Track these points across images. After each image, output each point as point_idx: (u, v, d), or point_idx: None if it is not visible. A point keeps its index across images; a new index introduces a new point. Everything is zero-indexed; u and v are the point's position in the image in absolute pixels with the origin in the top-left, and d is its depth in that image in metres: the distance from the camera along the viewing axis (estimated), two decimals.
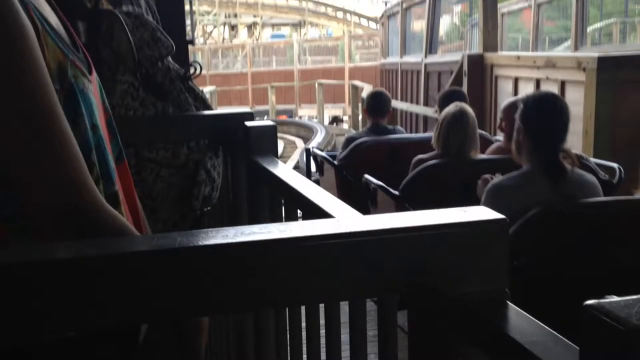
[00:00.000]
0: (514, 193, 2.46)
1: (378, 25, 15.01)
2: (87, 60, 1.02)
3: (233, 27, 34.85)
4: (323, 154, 4.67)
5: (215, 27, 33.85)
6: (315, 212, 1.14)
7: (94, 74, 1.03)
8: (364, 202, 3.61)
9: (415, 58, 9.61)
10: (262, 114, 19.40)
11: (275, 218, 1.48)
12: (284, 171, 1.40)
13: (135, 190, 1.15)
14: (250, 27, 34.86)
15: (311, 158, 4.89)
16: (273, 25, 39.66)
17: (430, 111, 7.66)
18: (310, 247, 0.69)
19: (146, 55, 1.67)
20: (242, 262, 0.68)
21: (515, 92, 6.34)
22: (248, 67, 21.31)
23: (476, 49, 7.54)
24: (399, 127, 4.89)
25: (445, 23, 10.65)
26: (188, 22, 2.85)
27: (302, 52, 22.87)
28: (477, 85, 6.91)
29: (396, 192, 3.32)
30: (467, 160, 3.30)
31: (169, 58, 1.73)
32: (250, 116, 1.80)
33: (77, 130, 0.90)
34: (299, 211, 1.30)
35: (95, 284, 0.65)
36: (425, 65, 8.94)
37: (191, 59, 2.21)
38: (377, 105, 4.61)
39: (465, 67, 7.04)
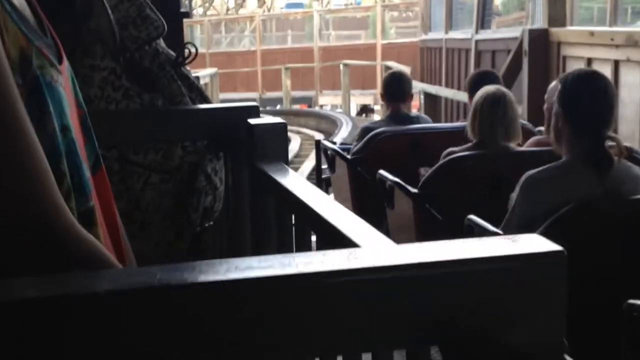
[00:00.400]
0: (551, 186, 2.55)
1: None
2: (57, 47, 1.02)
3: None
4: (334, 147, 4.75)
5: None
6: (330, 234, 1.14)
7: (65, 62, 1.03)
8: (378, 202, 3.71)
9: (463, 34, 9.59)
10: (275, 102, 19.44)
11: (283, 239, 1.49)
12: (295, 182, 1.41)
13: (115, 204, 1.16)
14: None
15: (321, 152, 5.04)
16: None
17: None
18: (319, 286, 0.69)
19: (131, 36, 1.68)
20: (235, 303, 0.69)
21: None
22: (257, 44, 21.38)
23: (540, 22, 7.50)
24: (423, 115, 5.01)
25: None
26: None
27: (324, 25, 22.88)
28: (540, 67, 6.88)
29: (415, 190, 3.36)
30: (501, 152, 3.34)
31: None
32: (255, 111, 1.81)
33: (44, 132, 0.91)
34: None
35: (62, 326, 0.66)
36: (476, 42, 8.91)
37: (187, 35, 2.22)
38: (396, 89, 4.63)
39: (525, 45, 7.01)
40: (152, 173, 1.69)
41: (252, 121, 1.68)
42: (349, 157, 4.35)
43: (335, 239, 1.11)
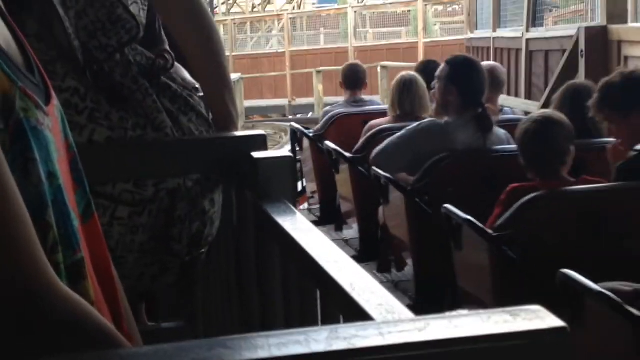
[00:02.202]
0: (442, 136, 4.22)
1: None
2: (45, 85, 1.04)
3: None
4: (301, 128, 6.61)
5: None
6: (338, 295, 1.15)
7: (54, 101, 1.05)
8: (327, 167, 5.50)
9: (513, 32, 9.54)
10: (306, 110, 19.46)
11: (288, 291, 1.50)
12: (301, 229, 1.42)
13: (109, 254, 1.17)
14: None
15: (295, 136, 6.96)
16: None
17: (534, 106, 7.58)
18: None
19: (100, 45, 1.64)
20: None
21: None
22: (286, 45, 21.48)
23: (598, 18, 7.45)
24: (375, 99, 6.98)
25: None
26: None
27: (360, 22, 22.91)
28: (598, 69, 6.81)
29: (349, 155, 5.06)
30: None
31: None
32: (261, 141, 1.82)
33: (28, 181, 0.92)
34: None
35: None
36: (527, 41, 8.87)
37: None
38: (353, 77, 6.49)
39: (581, 45, 6.96)
40: (120, 206, 1.64)
41: (256, 155, 1.69)
42: (311, 135, 6.09)
43: (342, 302, 1.12)
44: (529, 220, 3.17)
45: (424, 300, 4.18)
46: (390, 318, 0.99)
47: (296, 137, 6.73)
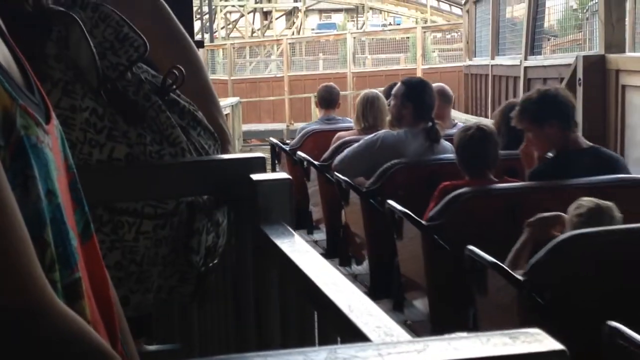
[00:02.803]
0: (396, 146, 4.93)
1: (462, 12, 15.05)
2: (45, 104, 1.05)
3: (266, 15, 35.39)
4: (277, 142, 7.55)
5: (242, 15, 34.43)
6: (336, 317, 1.15)
7: (54, 121, 1.05)
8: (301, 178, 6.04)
9: (511, 60, 9.59)
10: None
11: (285, 313, 1.50)
12: (298, 249, 1.42)
13: (107, 274, 1.17)
14: (290, 13, 35.34)
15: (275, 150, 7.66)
16: (320, 12, 40.12)
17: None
18: None
19: (111, 65, 1.66)
20: None
21: None
22: (285, 70, 21.55)
23: (596, 47, 7.49)
24: (348, 119, 7.25)
25: (555, 9, 10.60)
26: (204, 9, 2.89)
27: (359, 48, 23.01)
28: (596, 98, 6.85)
29: (317, 163, 5.73)
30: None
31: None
32: (260, 163, 1.82)
33: (27, 199, 0.92)
34: None
35: None
36: (525, 69, 8.91)
37: (207, 61, 2.21)
38: (328, 98, 7.26)
39: (579, 74, 7.00)
40: (145, 220, 1.68)
41: (255, 177, 1.69)
42: (287, 149, 6.80)
43: (340, 324, 1.12)
44: (456, 212, 3.73)
45: (377, 288, 4.59)
46: (388, 340, 0.99)
47: (275, 152, 7.42)
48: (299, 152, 6.23)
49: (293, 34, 30.72)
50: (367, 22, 33.85)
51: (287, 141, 7.44)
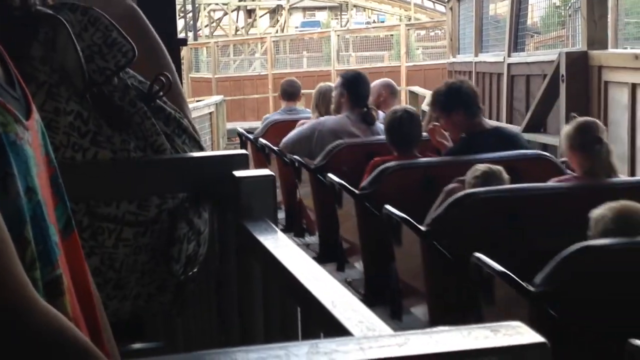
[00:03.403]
0: (335, 130, 5.65)
1: (446, 9, 15.07)
2: (26, 99, 1.04)
3: (250, 13, 35.34)
4: (243, 131, 8.09)
5: (225, 13, 34.37)
6: (318, 312, 1.15)
7: (35, 116, 1.05)
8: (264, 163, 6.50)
9: (495, 57, 9.61)
10: None
11: (268, 309, 1.50)
12: (281, 246, 1.42)
13: (87, 267, 1.17)
14: (274, 11, 35.31)
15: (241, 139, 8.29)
16: (304, 10, 40.10)
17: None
18: None
19: (98, 69, 1.66)
20: None
21: (633, 103, 6.29)
22: (269, 68, 21.52)
23: (579, 44, 7.52)
24: (307, 109, 7.79)
25: (538, 6, 10.63)
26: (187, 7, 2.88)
27: (343, 46, 23.01)
28: (578, 93, 6.87)
29: (276, 148, 6.18)
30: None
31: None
32: (243, 160, 1.82)
33: (6, 197, 0.92)
34: None
35: None
36: (509, 66, 8.93)
37: (191, 59, 2.19)
38: (290, 90, 7.90)
39: (562, 70, 7.02)
40: (125, 227, 1.67)
41: (238, 174, 1.69)
42: (252, 137, 7.40)
43: (323, 320, 1.12)
44: (384, 182, 4.42)
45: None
46: (370, 335, 0.99)
47: (242, 140, 8.09)
48: (261, 140, 6.85)
49: (277, 32, 30.70)
50: (350, 20, 33.85)
51: (253, 131, 7.92)
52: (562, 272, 2.89)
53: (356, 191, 4.47)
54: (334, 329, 1.07)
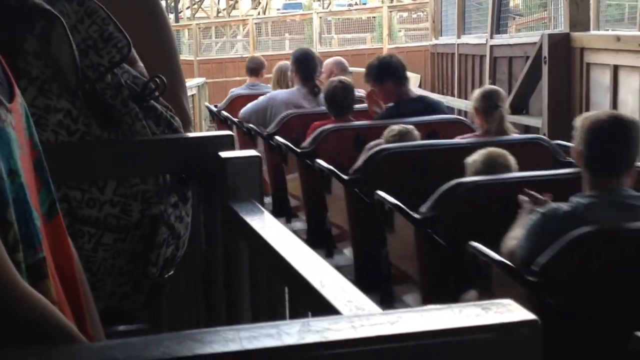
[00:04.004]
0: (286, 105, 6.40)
1: None
2: (9, 82, 1.03)
3: None
4: (210, 106, 9.01)
5: None
6: (301, 286, 1.15)
7: (18, 99, 1.04)
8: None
9: (477, 39, 9.62)
10: None
11: (256, 290, 1.49)
12: (268, 226, 1.42)
13: (74, 253, 1.16)
14: None
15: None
16: None
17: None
18: None
19: (92, 64, 1.63)
20: None
21: (614, 85, 6.32)
22: (251, 50, 21.42)
23: (561, 26, 7.53)
24: (269, 85, 8.15)
25: None
26: None
27: (325, 28, 22.95)
28: (561, 76, 6.90)
29: (236, 120, 6.99)
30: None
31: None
32: (229, 141, 1.81)
33: None
34: None
35: None
36: (491, 48, 8.94)
37: None
38: (253, 67, 8.57)
39: (545, 52, 7.04)
40: (106, 232, 1.64)
41: (223, 154, 1.68)
42: (215, 110, 8.19)
43: (312, 300, 1.12)
44: (321, 142, 5.24)
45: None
46: (360, 313, 0.99)
47: (211, 113, 9.07)
48: (224, 112, 7.60)
49: (259, 13, 30.56)
50: (333, 2, 33.75)
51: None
52: (441, 202, 3.65)
53: (298, 150, 5.39)
54: (323, 309, 1.07)
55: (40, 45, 1.58)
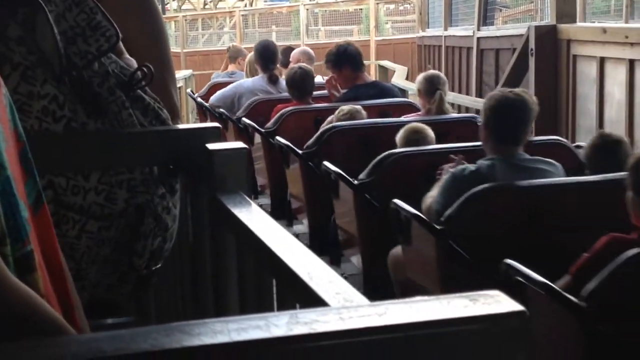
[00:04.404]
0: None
1: None
2: None
3: None
4: (191, 93, 10.21)
5: None
6: (289, 278, 1.15)
7: (2, 90, 1.03)
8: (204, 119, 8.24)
9: (464, 31, 9.63)
10: None
11: (243, 283, 1.49)
12: (256, 218, 1.41)
13: (59, 246, 1.15)
14: None
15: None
16: None
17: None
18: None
19: (79, 52, 1.62)
20: None
21: (601, 77, 6.34)
22: (237, 42, 21.39)
23: (548, 17, 7.55)
24: (242, 72, 8.83)
25: None
26: None
27: (312, 20, 22.92)
28: (548, 68, 6.91)
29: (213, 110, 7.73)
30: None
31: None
32: (216, 132, 1.81)
33: None
34: None
35: None
36: (478, 40, 8.95)
37: None
38: (232, 55, 9.29)
39: (531, 44, 7.05)
40: (90, 220, 1.62)
41: (211, 146, 1.68)
42: (195, 97, 9.03)
43: (300, 292, 1.12)
44: (283, 123, 5.92)
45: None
46: (348, 305, 0.99)
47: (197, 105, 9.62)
48: (199, 99, 8.43)
49: (245, 5, 30.45)
50: None
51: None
52: (375, 170, 4.28)
53: (262, 130, 6.06)
54: (311, 301, 1.07)
55: (23, 31, 1.57)
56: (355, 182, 4.29)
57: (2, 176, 0.96)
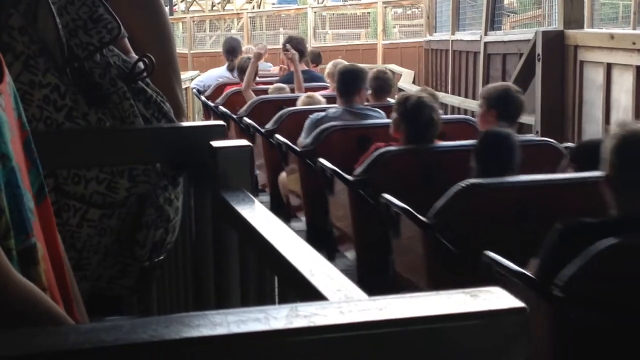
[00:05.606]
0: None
1: None
2: None
3: None
4: (197, 92, 10.22)
5: None
6: (294, 279, 1.15)
7: (7, 79, 1.03)
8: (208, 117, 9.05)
9: (471, 35, 9.62)
10: None
11: (245, 279, 1.49)
12: (258, 215, 1.41)
13: (59, 238, 1.15)
14: None
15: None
16: None
17: None
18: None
19: (81, 43, 1.63)
20: None
21: (608, 83, 6.33)
22: (245, 44, 21.40)
23: (555, 23, 7.54)
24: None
25: None
26: None
27: (319, 23, 22.92)
28: (554, 73, 6.90)
29: (213, 105, 8.55)
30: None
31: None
32: (220, 130, 1.81)
33: None
34: None
35: None
36: (486, 45, 8.94)
37: None
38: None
39: (538, 49, 7.04)
40: (91, 208, 1.63)
41: (215, 144, 1.68)
42: (201, 96, 9.61)
43: (301, 288, 1.12)
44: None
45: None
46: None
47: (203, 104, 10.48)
48: (203, 98, 9.29)
49: (253, 7, 30.51)
50: None
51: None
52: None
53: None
54: (312, 297, 1.07)
55: (25, 21, 1.59)
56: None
57: (7, 167, 0.96)
